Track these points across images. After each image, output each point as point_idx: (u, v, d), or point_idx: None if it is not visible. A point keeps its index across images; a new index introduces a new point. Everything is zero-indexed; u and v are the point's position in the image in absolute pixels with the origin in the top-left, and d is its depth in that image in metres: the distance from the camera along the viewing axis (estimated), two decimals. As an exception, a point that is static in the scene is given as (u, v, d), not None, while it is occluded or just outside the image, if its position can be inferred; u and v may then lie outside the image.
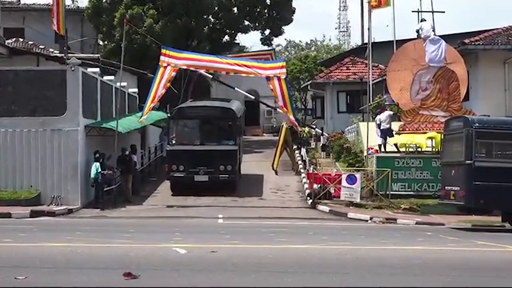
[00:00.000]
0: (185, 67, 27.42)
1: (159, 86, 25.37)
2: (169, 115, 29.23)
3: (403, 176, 26.29)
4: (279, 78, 25.53)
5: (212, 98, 36.90)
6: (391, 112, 28.35)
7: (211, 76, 37.66)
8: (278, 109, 32.89)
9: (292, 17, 46.20)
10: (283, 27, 46.47)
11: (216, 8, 43.64)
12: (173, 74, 25.83)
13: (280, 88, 25.51)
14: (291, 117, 26.38)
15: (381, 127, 27.47)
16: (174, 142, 27.55)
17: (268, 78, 25.75)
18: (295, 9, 45.88)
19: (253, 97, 38.35)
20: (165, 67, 25.52)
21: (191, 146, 27.33)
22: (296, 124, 28.20)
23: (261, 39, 46.68)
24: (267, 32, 46.28)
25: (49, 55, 33.03)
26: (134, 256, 13.02)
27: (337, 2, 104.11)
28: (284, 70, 26.32)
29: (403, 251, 14.87)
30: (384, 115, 27.56)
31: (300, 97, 48.43)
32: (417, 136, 27.15)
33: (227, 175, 26.86)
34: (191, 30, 42.16)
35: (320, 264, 12.68)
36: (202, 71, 30.08)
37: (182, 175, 26.86)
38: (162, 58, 25.82)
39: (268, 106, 50.32)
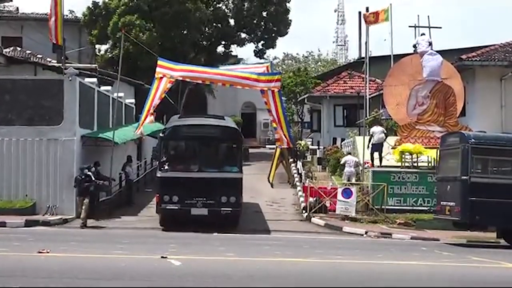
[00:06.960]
0: (181, 79, 27.21)
1: (155, 97, 25.11)
2: (161, 134, 24.16)
3: (398, 190, 26.26)
4: (273, 92, 25.35)
5: (204, 115, 33.15)
6: (383, 129, 28.23)
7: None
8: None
9: (288, 30, 46.74)
10: (277, 40, 47.09)
11: (212, 19, 43.91)
12: (169, 85, 25.66)
13: (273, 102, 25.34)
14: (281, 132, 26.01)
15: (374, 142, 27.46)
16: (166, 167, 23.00)
17: (262, 91, 25.63)
18: (291, 21, 46.43)
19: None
20: (161, 78, 25.34)
21: (187, 173, 22.94)
22: (287, 141, 26.35)
23: (254, 51, 47.21)
24: (260, 44, 46.80)
25: (47, 65, 33.09)
26: (128, 267, 13.00)
27: (335, 16, 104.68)
28: (278, 83, 25.91)
29: (398, 266, 14.84)
30: (377, 129, 27.59)
31: (297, 110, 48.47)
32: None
33: (230, 208, 22.49)
34: (186, 42, 42.23)
35: (314, 278, 12.64)
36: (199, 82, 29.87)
37: (176, 207, 22.44)
38: (158, 69, 25.64)
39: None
